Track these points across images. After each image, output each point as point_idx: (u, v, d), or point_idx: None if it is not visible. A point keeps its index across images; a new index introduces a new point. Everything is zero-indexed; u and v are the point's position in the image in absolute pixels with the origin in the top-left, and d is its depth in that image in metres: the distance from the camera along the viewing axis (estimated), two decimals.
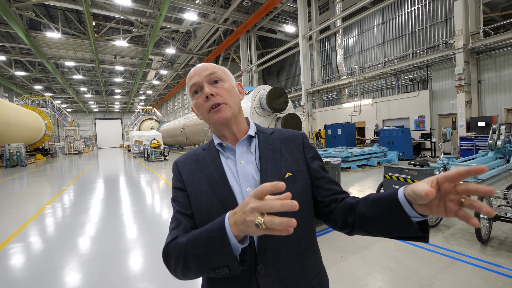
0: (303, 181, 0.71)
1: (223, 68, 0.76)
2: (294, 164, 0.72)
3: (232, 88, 0.73)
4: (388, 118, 14.48)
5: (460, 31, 10.07)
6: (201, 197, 0.68)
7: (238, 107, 0.74)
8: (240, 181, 0.68)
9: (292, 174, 0.70)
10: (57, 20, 18.89)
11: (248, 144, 0.74)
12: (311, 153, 0.76)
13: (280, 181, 0.46)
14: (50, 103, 28.78)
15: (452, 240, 3.06)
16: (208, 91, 0.68)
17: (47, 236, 3.76)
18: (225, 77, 0.73)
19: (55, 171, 12.79)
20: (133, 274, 2.59)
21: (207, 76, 0.70)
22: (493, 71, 10.95)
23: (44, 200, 6.13)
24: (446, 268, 2.46)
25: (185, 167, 0.76)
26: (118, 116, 58.28)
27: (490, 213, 0.43)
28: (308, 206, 0.71)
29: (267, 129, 0.79)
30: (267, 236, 0.62)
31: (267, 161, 0.70)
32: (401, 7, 15.32)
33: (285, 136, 0.77)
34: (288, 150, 0.74)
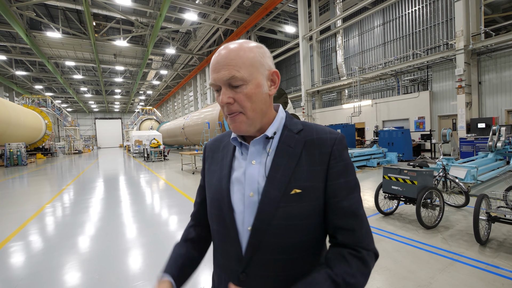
0: (312, 201, 0.59)
1: (253, 55, 0.60)
2: (308, 178, 0.60)
3: (257, 91, 0.60)
4: (388, 119, 14.48)
5: (461, 32, 10.08)
6: (210, 188, 0.72)
7: (262, 113, 0.63)
8: (245, 184, 0.63)
9: (300, 191, 0.59)
10: (57, 20, 18.91)
11: (265, 142, 0.65)
12: (338, 166, 0.61)
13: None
14: (50, 102, 28.80)
15: (451, 241, 3.06)
16: (224, 100, 0.59)
17: (47, 235, 3.76)
18: (250, 75, 0.59)
19: (55, 170, 12.80)
20: (132, 273, 2.59)
21: (226, 81, 0.59)
22: (494, 72, 10.95)
23: (44, 199, 6.14)
24: (445, 269, 2.46)
25: (210, 154, 0.78)
26: (118, 116, 58.32)
27: None
28: (313, 231, 0.61)
29: (297, 125, 0.66)
30: (255, 248, 0.61)
31: (278, 168, 0.61)
32: (402, 8, 15.33)
33: (312, 138, 0.63)
34: (309, 158, 0.61)
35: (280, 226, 0.59)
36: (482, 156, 6.88)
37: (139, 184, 7.76)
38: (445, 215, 3.95)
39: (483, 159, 6.57)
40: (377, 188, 4.03)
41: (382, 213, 3.95)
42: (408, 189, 3.56)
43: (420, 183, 3.49)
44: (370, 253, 0.59)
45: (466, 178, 4.91)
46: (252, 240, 0.60)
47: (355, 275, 0.56)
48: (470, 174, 4.92)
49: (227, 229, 0.64)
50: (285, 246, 0.59)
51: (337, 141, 0.62)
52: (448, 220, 3.75)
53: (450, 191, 4.46)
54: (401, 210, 4.27)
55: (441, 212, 3.55)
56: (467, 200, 4.12)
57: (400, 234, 3.31)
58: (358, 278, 0.56)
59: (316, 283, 0.55)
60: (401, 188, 3.65)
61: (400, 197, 3.74)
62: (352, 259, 0.57)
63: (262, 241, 0.59)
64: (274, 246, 0.59)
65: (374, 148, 9.73)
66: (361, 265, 0.57)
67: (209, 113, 15.67)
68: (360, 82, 15.10)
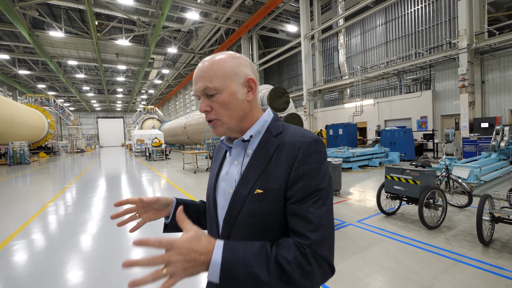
0: (273, 202, 0.61)
1: (227, 64, 0.65)
2: (272, 180, 0.62)
3: (230, 98, 0.65)
4: (390, 119, 14.42)
5: (464, 31, 10.00)
6: (208, 184, 0.80)
7: (238, 118, 0.67)
8: (227, 181, 0.70)
9: (262, 191, 0.62)
10: (60, 19, 18.99)
11: (243, 145, 0.70)
12: (299, 170, 0.60)
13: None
14: (53, 101, 28.95)
15: (453, 241, 3.04)
16: (202, 108, 0.66)
17: (49, 233, 3.78)
18: (223, 85, 0.64)
19: (57, 169, 12.87)
20: (134, 272, 2.60)
21: (202, 91, 0.65)
22: (497, 71, 10.86)
23: (46, 197, 6.17)
24: (447, 269, 2.45)
25: (214, 154, 0.87)
26: (120, 115, 58.50)
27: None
28: (273, 232, 0.62)
29: (278, 128, 0.69)
30: (224, 239, 0.65)
31: (251, 169, 0.65)
32: (404, 7, 15.23)
33: (284, 142, 0.65)
34: (276, 161, 0.63)
35: (243, 222, 0.64)
36: (485, 156, 6.82)
37: (141, 183, 7.78)
38: (448, 215, 3.92)
39: (486, 159, 6.52)
40: (379, 188, 4.01)
41: (384, 213, 3.94)
42: (411, 189, 3.54)
43: (422, 183, 3.47)
44: (319, 258, 0.55)
45: (469, 178, 4.87)
46: (223, 231, 0.67)
47: (291, 262, 0.53)
48: (473, 174, 4.89)
49: (211, 219, 0.73)
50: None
51: (304, 145, 0.62)
52: (451, 220, 3.73)
53: (453, 191, 4.44)
54: (403, 210, 4.25)
55: (444, 212, 3.53)
56: (470, 201, 4.09)
57: (402, 234, 3.30)
58: (292, 268, 0.53)
59: (251, 244, 0.56)
60: (404, 188, 3.63)
61: (402, 197, 3.72)
62: (295, 249, 0.55)
63: (230, 234, 0.66)
64: (238, 240, 0.63)
65: (376, 147, 9.69)
66: (302, 258, 0.54)
67: None
68: (362, 81, 15.03)
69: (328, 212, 0.60)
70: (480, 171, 4.93)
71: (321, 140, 0.65)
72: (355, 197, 5.26)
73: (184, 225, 0.53)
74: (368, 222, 3.76)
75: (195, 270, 0.51)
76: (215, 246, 0.53)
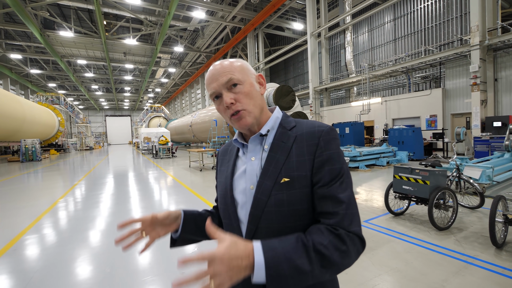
0: (301, 189, 0.65)
1: (240, 63, 0.72)
2: (297, 168, 0.65)
3: (252, 89, 0.70)
4: (398, 117, 14.18)
5: (476, 27, 9.72)
6: (219, 187, 0.80)
7: (260, 108, 0.72)
8: (246, 178, 0.71)
9: (289, 179, 0.65)
10: (70, 19, 19.32)
11: (260, 140, 0.72)
12: (323, 155, 0.65)
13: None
14: (63, 100, 29.56)
15: (464, 243, 2.97)
16: (228, 101, 0.67)
17: (60, 228, 3.86)
18: (243, 77, 0.70)
19: (68, 166, 13.14)
20: (142, 267, 2.63)
21: (225, 84, 0.68)
22: (511, 68, 10.54)
23: (57, 194, 6.31)
24: (458, 272, 2.39)
25: (220, 158, 0.87)
26: (127, 113, 59.30)
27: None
28: (303, 217, 0.65)
29: (290, 123, 0.74)
30: (252, 232, 0.67)
31: (271, 162, 0.68)
32: (414, 3, 14.91)
33: (302, 133, 0.70)
34: (297, 151, 0.67)
35: (272, 213, 0.65)
36: (498, 156, 6.63)
37: (149, 181, 7.88)
38: (459, 216, 3.84)
39: (498, 159, 6.33)
40: (388, 188, 3.95)
41: (392, 213, 3.88)
42: (420, 189, 3.48)
43: (432, 183, 3.40)
44: (351, 235, 0.59)
45: (481, 178, 4.75)
46: (250, 226, 0.68)
47: (328, 247, 0.56)
48: (485, 175, 4.76)
49: (230, 219, 0.73)
50: (277, 231, 0.65)
51: (323, 133, 0.67)
52: (462, 221, 3.65)
53: (464, 191, 4.33)
54: (412, 211, 4.18)
55: (455, 213, 3.45)
56: (482, 202, 3.99)
57: (411, 235, 3.24)
58: (331, 251, 0.56)
59: (286, 239, 0.57)
60: (413, 188, 3.56)
61: (411, 197, 3.65)
62: (328, 233, 0.58)
63: (258, 227, 0.66)
64: (268, 231, 0.65)
65: (383, 146, 9.55)
66: (336, 240, 0.57)
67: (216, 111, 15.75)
68: (369, 79, 14.81)
69: (352, 191, 0.66)
70: (493, 172, 4.80)
71: (335, 128, 0.71)
72: (362, 196, 5.20)
73: (217, 236, 0.54)
74: (375, 222, 3.71)
75: (239, 275, 0.52)
76: (254, 248, 0.54)
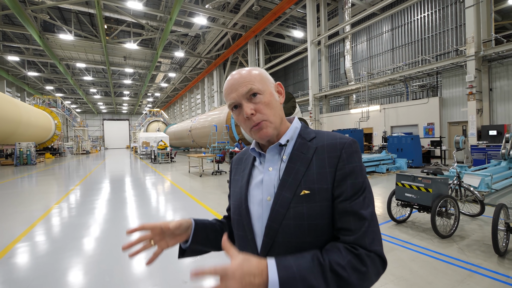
0: (321, 202, 0.62)
1: (259, 72, 0.70)
2: (317, 180, 0.63)
3: (272, 99, 0.69)
4: (396, 125, 14.34)
5: (472, 38, 9.97)
6: (233, 197, 0.78)
7: (280, 118, 0.70)
8: (263, 189, 0.69)
9: (309, 192, 0.62)
10: (70, 23, 19.40)
11: (279, 150, 0.70)
12: (345, 168, 0.63)
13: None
14: (60, 103, 29.38)
15: (467, 251, 2.98)
16: (248, 112, 0.65)
17: (55, 236, 3.79)
18: (263, 87, 0.68)
19: (63, 170, 12.99)
20: (140, 277, 2.59)
21: (245, 95, 0.66)
22: (505, 79, 10.78)
23: (52, 199, 6.22)
24: (463, 280, 2.39)
25: (235, 166, 0.85)
26: (125, 117, 59.10)
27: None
28: (323, 232, 0.62)
29: (310, 134, 0.72)
30: (268, 246, 0.65)
31: (291, 173, 0.65)
32: (411, 14, 15.27)
33: (323, 144, 0.67)
34: (318, 163, 0.65)
35: (290, 226, 0.62)
36: (495, 164, 6.72)
37: (148, 186, 7.81)
38: (460, 224, 3.85)
39: (495, 167, 6.41)
40: (390, 195, 3.96)
41: (395, 220, 3.88)
42: (423, 196, 3.50)
43: (435, 191, 3.42)
44: (372, 255, 0.56)
45: (480, 186, 4.80)
46: (266, 239, 0.65)
47: (345, 268, 0.53)
48: (484, 183, 4.81)
49: (244, 232, 0.70)
50: (295, 246, 0.62)
51: (346, 145, 0.65)
52: (463, 229, 3.66)
53: (464, 199, 4.37)
54: (414, 218, 4.19)
55: (457, 221, 3.47)
56: (482, 209, 4.02)
57: (414, 243, 3.24)
58: (348, 273, 0.53)
59: (302, 257, 0.55)
60: (415, 196, 3.58)
61: (413, 204, 3.67)
62: (347, 253, 0.56)
63: (275, 240, 0.64)
64: (286, 245, 0.63)
65: (383, 154, 9.61)
66: (355, 260, 0.55)
67: (217, 116, 15.76)
68: (368, 87, 15.01)
69: (374, 207, 0.63)
70: (492, 180, 4.86)
71: (357, 141, 0.68)
72: None
73: (231, 253, 0.53)
74: None
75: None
76: (268, 266, 0.52)
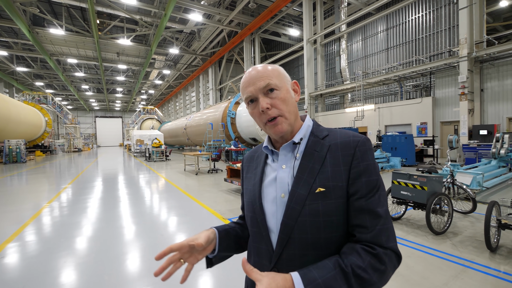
0: (336, 199, 0.63)
1: (277, 70, 0.71)
2: (332, 178, 0.64)
3: (288, 95, 0.70)
4: (390, 124, 14.54)
5: (465, 39, 10.16)
6: (246, 195, 0.79)
7: (295, 115, 0.71)
8: (277, 186, 0.69)
9: (324, 189, 0.63)
10: (61, 17, 18.92)
11: (292, 148, 0.71)
12: (359, 166, 0.64)
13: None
14: (51, 99, 28.75)
15: (460, 247, 3.06)
16: (264, 106, 0.66)
17: (46, 236, 3.73)
18: (280, 83, 0.69)
19: (55, 168, 12.74)
20: (134, 277, 2.58)
21: (262, 89, 0.67)
22: (496, 80, 11.04)
23: (44, 198, 6.10)
24: (458, 275, 2.46)
25: (246, 164, 0.86)
26: (119, 114, 58.22)
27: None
28: (338, 228, 0.63)
29: (323, 132, 0.72)
30: (284, 243, 0.65)
31: (305, 170, 0.66)
32: (405, 14, 15.44)
33: (336, 142, 0.68)
34: (332, 161, 0.65)
35: (305, 223, 0.63)
36: (485, 163, 6.90)
37: (143, 185, 7.74)
38: (453, 221, 3.95)
39: (486, 166, 6.59)
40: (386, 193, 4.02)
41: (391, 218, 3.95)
42: (418, 194, 3.57)
43: (430, 188, 3.50)
44: (388, 252, 0.58)
45: (472, 184, 4.92)
46: (282, 235, 0.65)
47: (367, 269, 0.55)
48: (476, 181, 4.94)
49: (259, 228, 0.71)
50: (311, 242, 0.63)
51: (360, 143, 0.66)
52: (456, 226, 3.76)
53: (457, 197, 4.47)
54: (408, 215, 4.28)
55: (450, 218, 3.56)
56: (474, 207, 4.13)
57: (409, 239, 3.31)
58: (370, 274, 0.55)
59: (324, 267, 0.56)
60: (411, 194, 3.65)
61: (408, 202, 3.74)
62: (366, 254, 0.57)
63: (290, 237, 0.64)
64: (301, 242, 0.64)
65: (377, 152, 9.75)
66: (374, 261, 0.56)
67: (212, 114, 15.68)
68: (363, 86, 15.16)
69: (387, 205, 0.66)
70: (483, 178, 4.99)
71: (370, 139, 0.70)
72: None
73: (254, 276, 0.53)
74: None
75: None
76: (294, 282, 0.53)
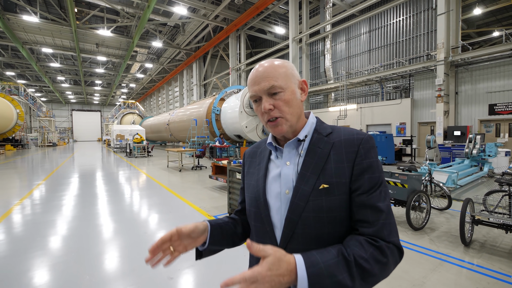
0: (340, 195, 0.64)
1: (285, 69, 0.70)
2: (336, 175, 0.65)
3: (292, 97, 0.69)
4: (371, 124, 15.01)
5: (442, 44, 10.65)
6: (248, 189, 0.80)
7: (297, 116, 0.71)
8: (281, 182, 0.70)
9: (328, 186, 0.64)
10: (35, 3, 17.69)
11: (297, 145, 0.72)
12: (363, 163, 0.65)
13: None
14: (23, 91, 26.95)
15: (437, 242, 3.22)
16: (266, 107, 0.67)
17: (19, 235, 3.49)
18: (286, 84, 0.68)
19: (27, 164, 11.97)
20: (116, 276, 2.47)
21: (266, 90, 0.68)
22: (469, 84, 11.70)
23: (15, 195, 5.71)
24: (435, 269, 2.58)
25: (248, 159, 0.86)
26: (97, 108, 55.73)
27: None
28: (341, 224, 0.65)
29: (326, 129, 0.73)
30: (288, 238, 0.67)
31: (309, 167, 0.67)
32: (387, 18, 15.94)
33: (340, 139, 0.69)
34: (336, 157, 0.67)
35: (309, 218, 0.64)
36: (459, 162, 7.31)
37: (123, 181, 7.45)
38: (430, 217, 4.14)
39: (459, 165, 6.98)
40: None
41: None
42: (399, 191, 3.70)
43: (410, 186, 3.64)
44: (390, 246, 0.60)
45: (447, 182, 5.19)
46: (286, 231, 0.67)
47: (369, 260, 0.56)
48: (450, 179, 5.22)
49: (263, 223, 0.72)
50: (314, 237, 0.65)
51: (363, 141, 0.68)
52: (433, 222, 3.94)
53: (434, 194, 4.70)
54: None
55: (428, 214, 3.73)
56: (450, 203, 4.36)
57: None
58: (372, 265, 0.56)
59: (328, 253, 0.57)
60: (392, 191, 3.78)
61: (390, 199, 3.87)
62: (369, 246, 0.58)
63: (294, 232, 0.66)
64: (305, 237, 0.65)
65: None
66: (377, 252, 0.57)
67: (196, 110, 15.38)
68: (346, 86, 15.51)
69: (389, 201, 0.66)
70: (457, 176, 5.28)
71: (373, 137, 0.71)
72: None
73: (262, 253, 0.53)
74: None
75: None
76: (297, 264, 0.53)
